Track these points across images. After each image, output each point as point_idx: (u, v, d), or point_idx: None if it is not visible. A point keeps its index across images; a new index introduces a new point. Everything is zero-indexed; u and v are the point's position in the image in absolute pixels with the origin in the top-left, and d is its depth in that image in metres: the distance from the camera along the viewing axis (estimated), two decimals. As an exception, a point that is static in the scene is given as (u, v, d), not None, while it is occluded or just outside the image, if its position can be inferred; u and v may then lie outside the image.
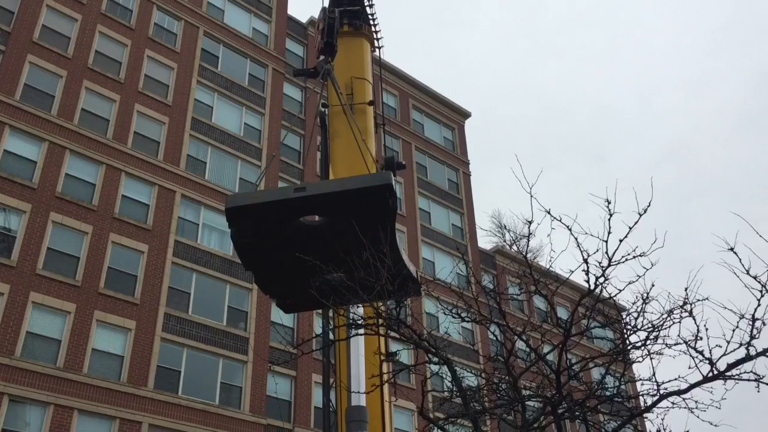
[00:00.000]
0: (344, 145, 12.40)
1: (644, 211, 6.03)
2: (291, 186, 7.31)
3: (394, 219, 7.30)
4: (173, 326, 27.45)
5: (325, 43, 12.06)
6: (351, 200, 7.01)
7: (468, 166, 45.82)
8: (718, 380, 6.79)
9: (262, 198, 7.45)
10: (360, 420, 10.17)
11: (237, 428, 26.91)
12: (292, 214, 7.24)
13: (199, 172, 31.62)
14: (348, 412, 10.22)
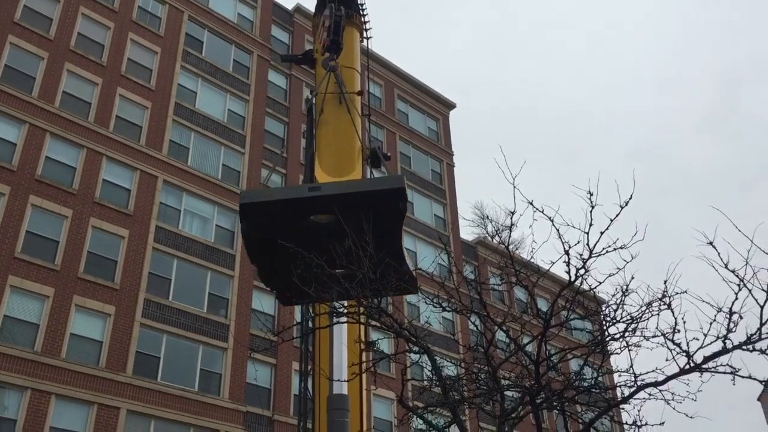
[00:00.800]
0: (331, 134, 12.33)
1: (625, 203, 6.07)
2: (305, 185, 7.54)
3: (403, 220, 7.47)
4: (153, 312, 27.30)
5: (331, 41, 12.04)
6: (363, 201, 7.20)
7: (452, 157, 45.86)
8: (694, 373, 6.87)
9: (277, 195, 7.66)
10: (342, 408, 10.19)
11: (216, 415, 26.87)
12: (304, 212, 7.38)
13: (182, 158, 31.39)
14: (330, 400, 10.24)
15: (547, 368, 7.33)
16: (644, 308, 6.70)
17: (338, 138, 12.28)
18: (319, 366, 10.76)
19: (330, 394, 10.31)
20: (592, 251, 6.29)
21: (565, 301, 6.94)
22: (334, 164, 12.02)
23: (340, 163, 12.14)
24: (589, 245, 6.26)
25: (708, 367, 6.68)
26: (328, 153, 12.27)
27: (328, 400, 10.33)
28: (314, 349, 11.20)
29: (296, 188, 7.58)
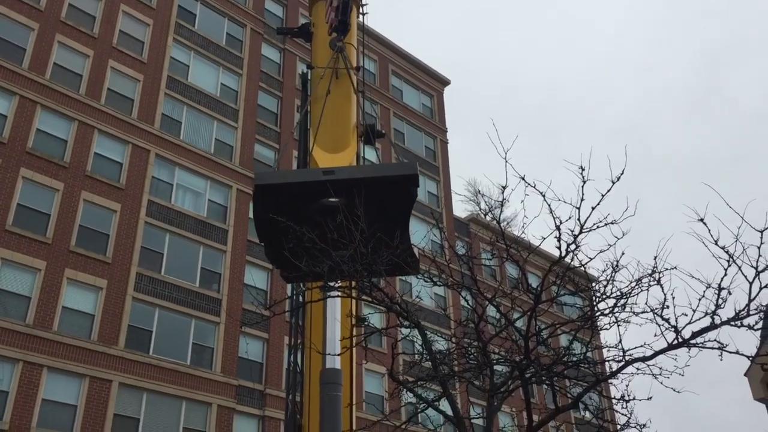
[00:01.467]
0: (327, 109, 12.27)
1: (617, 178, 6.07)
2: (319, 169, 7.75)
3: (413, 205, 7.67)
4: (145, 286, 27.31)
5: (339, 21, 11.97)
6: (376, 185, 7.39)
7: (446, 133, 45.74)
8: (682, 348, 6.92)
9: (291, 178, 7.84)
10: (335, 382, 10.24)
11: (208, 388, 27.01)
12: (317, 194, 7.53)
13: (174, 132, 31.20)
14: (323, 375, 10.28)
15: (537, 343, 7.38)
16: (634, 284, 6.74)
17: (334, 113, 12.23)
18: (310, 340, 10.79)
19: (323, 369, 10.35)
20: (583, 226, 6.30)
21: (555, 276, 6.96)
22: (329, 140, 11.99)
23: (336, 138, 12.11)
24: (580, 221, 6.27)
25: (696, 343, 6.73)
26: (324, 129, 12.21)
27: (321, 375, 10.38)
28: (305, 323, 11.24)
29: (310, 171, 7.80)
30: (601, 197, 6.11)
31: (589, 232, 6.28)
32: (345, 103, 12.28)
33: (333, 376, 10.25)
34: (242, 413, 27.89)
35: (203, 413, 26.66)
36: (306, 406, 10.56)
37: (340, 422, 10.18)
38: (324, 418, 10.04)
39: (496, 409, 8.59)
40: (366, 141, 12.84)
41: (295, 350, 11.77)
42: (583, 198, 6.10)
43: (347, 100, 12.36)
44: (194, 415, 26.39)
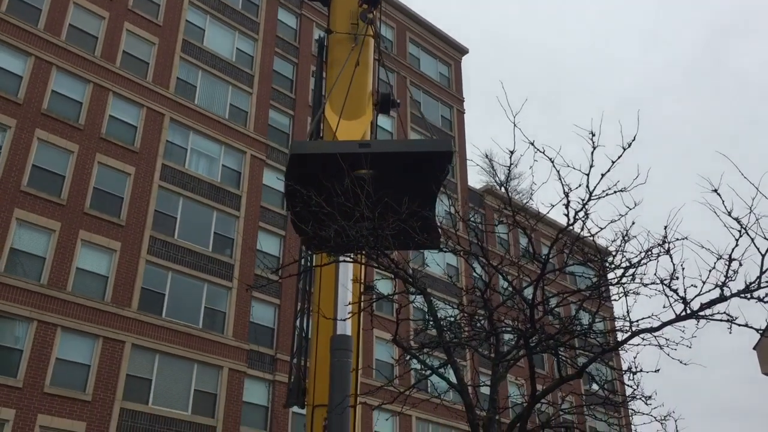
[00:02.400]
0: (344, 74, 12.16)
1: (628, 145, 5.92)
2: (355, 141, 7.86)
3: (443, 181, 7.77)
4: (158, 249, 27.47)
5: None
6: (410, 160, 7.46)
7: (462, 103, 45.32)
8: (690, 320, 6.81)
9: (328, 149, 7.85)
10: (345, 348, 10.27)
11: (220, 352, 27.27)
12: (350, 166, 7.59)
13: (189, 96, 31.12)
14: (333, 340, 10.31)
15: (543, 312, 7.30)
16: (643, 254, 6.62)
17: (351, 79, 12.11)
18: (318, 305, 10.81)
19: (333, 334, 10.38)
20: (592, 193, 6.18)
21: (564, 244, 6.85)
22: (346, 106, 11.90)
23: (351, 105, 12.04)
24: (589, 188, 6.14)
25: (705, 315, 6.62)
26: (340, 95, 12.12)
27: (332, 340, 10.41)
28: (313, 288, 11.24)
29: (346, 143, 7.84)
30: (612, 163, 5.98)
31: (598, 199, 6.15)
32: (363, 70, 12.15)
33: (343, 342, 10.28)
34: (253, 377, 28.18)
35: (214, 376, 26.96)
36: (312, 371, 10.61)
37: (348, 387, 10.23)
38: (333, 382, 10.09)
39: (500, 378, 8.55)
40: (381, 110, 12.76)
41: (302, 315, 11.81)
42: (593, 164, 5.97)
43: (366, 67, 12.24)
44: (205, 377, 26.69)
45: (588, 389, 35.41)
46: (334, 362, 10.12)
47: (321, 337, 10.69)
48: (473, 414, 7.84)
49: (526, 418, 7.63)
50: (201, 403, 26.25)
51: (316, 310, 10.87)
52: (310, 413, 10.38)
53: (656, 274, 6.88)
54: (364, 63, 12.33)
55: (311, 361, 10.72)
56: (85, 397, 23.59)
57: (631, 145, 5.87)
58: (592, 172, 6.04)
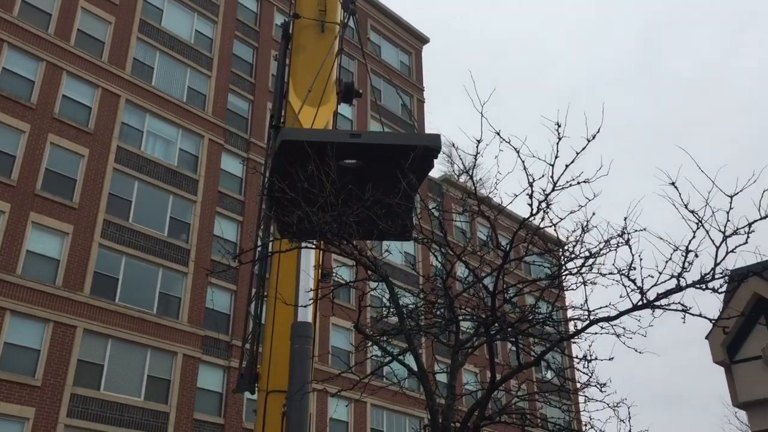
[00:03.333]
0: (307, 61, 12.14)
1: (593, 137, 6.01)
2: (346, 131, 7.68)
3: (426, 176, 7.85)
4: (112, 233, 26.97)
5: None
6: (398, 152, 7.48)
7: (422, 92, 45.40)
8: (646, 309, 6.98)
9: (318, 137, 7.80)
10: (305, 335, 10.27)
11: (174, 338, 26.96)
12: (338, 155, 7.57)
13: (146, 78, 30.52)
14: (294, 327, 10.29)
15: (503, 301, 7.39)
16: (603, 244, 6.74)
17: (316, 66, 12.12)
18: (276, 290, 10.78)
19: (294, 322, 10.38)
20: (556, 184, 6.26)
21: (525, 233, 6.94)
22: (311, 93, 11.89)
23: (315, 92, 12.04)
24: (553, 179, 6.22)
25: (660, 305, 6.78)
26: (304, 81, 12.12)
27: (293, 327, 10.40)
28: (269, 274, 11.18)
29: (336, 132, 7.79)
30: (576, 155, 6.06)
31: (561, 190, 6.25)
32: (329, 58, 12.06)
33: (304, 329, 10.29)
34: (208, 363, 27.94)
35: (168, 362, 26.65)
36: (266, 356, 10.59)
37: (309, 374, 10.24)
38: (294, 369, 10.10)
39: (460, 365, 8.64)
40: (344, 99, 12.81)
41: (257, 301, 11.77)
42: (557, 155, 6.05)
43: (330, 55, 12.18)
44: (159, 363, 26.37)
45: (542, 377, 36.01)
46: (295, 349, 10.11)
47: (277, 323, 10.66)
48: (433, 401, 7.91)
49: (484, 405, 7.74)
50: (154, 389, 25.93)
51: (273, 295, 10.84)
52: (263, 399, 10.37)
53: (614, 264, 7.03)
54: (328, 51, 12.34)
55: (265, 346, 10.69)
56: (35, 382, 23.10)
57: (595, 136, 5.97)
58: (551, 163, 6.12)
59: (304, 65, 12.21)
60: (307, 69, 12.21)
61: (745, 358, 7.19)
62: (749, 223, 6.28)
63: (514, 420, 9.58)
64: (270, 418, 10.14)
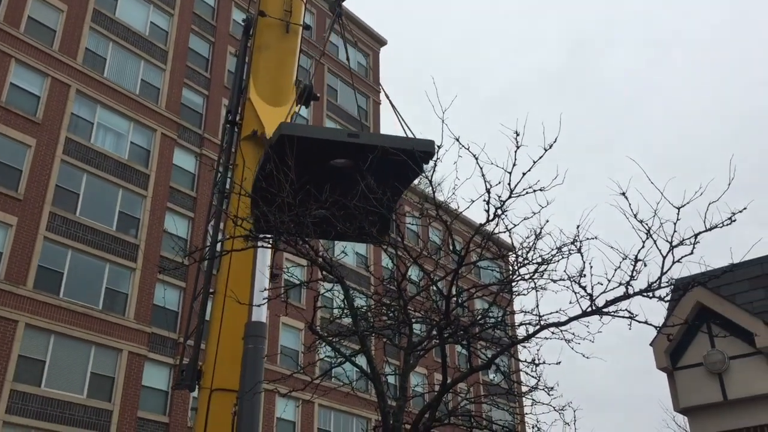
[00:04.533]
0: (272, 61, 12.14)
1: (550, 146, 6.16)
2: (344, 130, 7.82)
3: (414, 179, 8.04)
4: (58, 226, 26.34)
5: None
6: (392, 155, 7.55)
7: (379, 94, 45.51)
8: (595, 315, 7.17)
9: (317, 134, 7.86)
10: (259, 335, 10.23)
11: (120, 334, 26.45)
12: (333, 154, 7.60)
13: (98, 69, 29.89)
14: (248, 327, 10.24)
15: (456, 304, 7.49)
16: (555, 251, 6.90)
17: (279, 66, 12.22)
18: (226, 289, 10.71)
19: (249, 321, 10.34)
20: (513, 191, 6.39)
21: (481, 239, 7.04)
22: (269, 92, 11.97)
23: (276, 92, 12.12)
24: (510, 185, 6.35)
25: (609, 311, 6.97)
26: (266, 79, 12.16)
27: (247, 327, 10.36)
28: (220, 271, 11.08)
29: (335, 131, 7.85)
30: (533, 163, 6.21)
31: (518, 197, 6.38)
32: (290, 58, 12.25)
33: (258, 329, 10.27)
34: (154, 361, 27.50)
35: (113, 359, 26.14)
36: (212, 354, 10.52)
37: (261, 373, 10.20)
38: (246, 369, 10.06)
39: (411, 367, 8.72)
40: (301, 100, 12.86)
41: (204, 298, 11.71)
42: (515, 163, 6.18)
43: (293, 56, 12.33)
44: (103, 360, 25.84)
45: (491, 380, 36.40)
46: (248, 349, 10.08)
47: (226, 321, 10.60)
48: (385, 402, 7.96)
49: (435, 407, 7.83)
50: (97, 387, 25.40)
51: (222, 292, 10.78)
52: (206, 397, 10.30)
53: (565, 271, 7.20)
54: (292, 51, 12.45)
55: (211, 343, 10.61)
56: (-28, 378, 22.41)
57: (552, 146, 6.12)
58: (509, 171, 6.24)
59: (266, 64, 12.22)
60: (269, 68, 12.24)
61: (686, 365, 7.43)
62: (695, 234, 6.51)
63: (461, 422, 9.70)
64: (213, 417, 10.07)
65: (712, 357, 7.22)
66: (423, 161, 7.55)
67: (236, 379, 10.31)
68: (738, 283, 7.71)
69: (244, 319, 10.45)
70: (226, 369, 10.35)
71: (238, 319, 10.51)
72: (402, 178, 7.89)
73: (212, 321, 10.91)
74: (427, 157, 7.55)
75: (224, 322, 10.63)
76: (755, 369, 7.00)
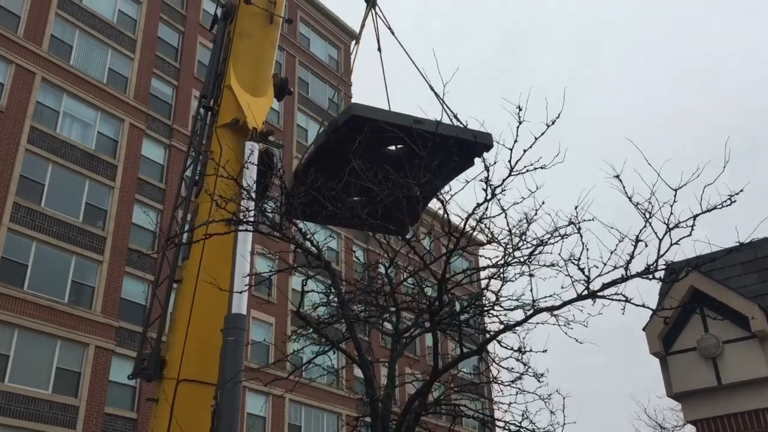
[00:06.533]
0: (254, 50, 12.05)
1: (552, 122, 6.02)
2: (410, 116, 7.69)
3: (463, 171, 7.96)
4: (23, 217, 25.61)
5: None
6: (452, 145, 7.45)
7: (350, 88, 45.22)
8: (590, 300, 7.06)
9: (386, 118, 7.72)
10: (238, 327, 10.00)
11: (87, 328, 25.83)
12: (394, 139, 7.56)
13: (64, 56, 29.13)
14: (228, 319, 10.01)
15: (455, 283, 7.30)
16: (554, 232, 6.78)
17: (260, 56, 12.28)
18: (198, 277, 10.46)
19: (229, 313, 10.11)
20: (513, 169, 6.25)
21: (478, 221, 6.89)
22: (249, 81, 11.99)
23: (255, 81, 12.19)
24: (510, 163, 6.21)
25: (604, 295, 6.87)
26: (246, 68, 12.18)
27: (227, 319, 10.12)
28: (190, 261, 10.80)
29: (402, 116, 7.78)
30: (535, 140, 6.06)
31: (518, 174, 6.23)
32: (271, 50, 12.28)
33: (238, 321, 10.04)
34: (121, 356, 26.89)
35: (79, 354, 25.51)
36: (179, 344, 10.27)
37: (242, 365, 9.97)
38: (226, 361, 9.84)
39: (398, 354, 8.56)
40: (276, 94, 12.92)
41: (170, 286, 11.45)
42: (517, 140, 6.03)
43: (273, 48, 12.38)
44: (69, 355, 25.20)
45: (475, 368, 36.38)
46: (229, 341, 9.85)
47: (197, 311, 10.35)
48: (373, 389, 7.78)
49: (426, 394, 7.67)
50: (63, 382, 24.77)
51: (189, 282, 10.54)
52: (172, 388, 10.05)
53: (560, 254, 7.09)
54: (273, 44, 12.62)
55: (177, 334, 10.35)
56: (-68, 373, 21.67)
57: (555, 122, 5.98)
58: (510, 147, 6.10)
59: (246, 52, 12.20)
60: (250, 57, 12.28)
61: (680, 349, 7.37)
62: (693, 215, 6.43)
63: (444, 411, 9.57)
64: (180, 409, 9.83)
65: (706, 341, 7.17)
66: (478, 154, 7.40)
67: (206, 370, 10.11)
68: (730, 268, 7.68)
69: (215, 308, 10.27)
70: (194, 360, 10.13)
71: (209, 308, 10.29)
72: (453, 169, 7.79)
73: (178, 310, 10.64)
74: (485, 150, 7.44)
75: (194, 312, 10.39)
76: (749, 353, 6.96)
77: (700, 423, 7.20)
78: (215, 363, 10.18)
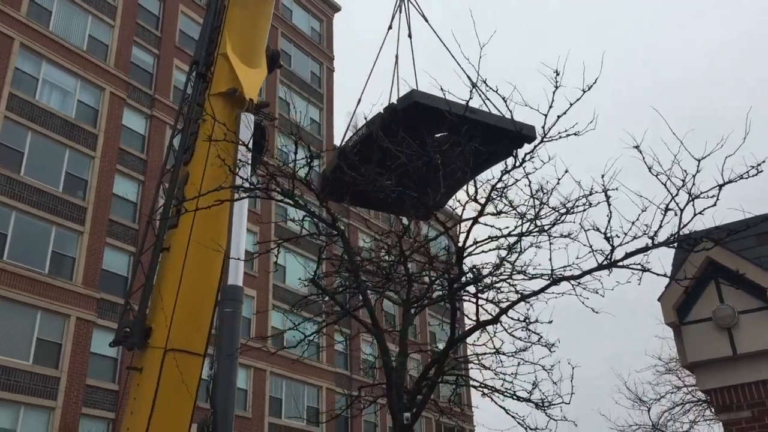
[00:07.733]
0: (247, 19, 11.97)
1: (588, 87, 5.97)
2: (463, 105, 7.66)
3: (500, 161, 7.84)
4: (2, 186, 25.08)
5: None
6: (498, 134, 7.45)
7: (332, 61, 44.82)
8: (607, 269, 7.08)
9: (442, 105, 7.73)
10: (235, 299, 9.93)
11: (67, 299, 25.48)
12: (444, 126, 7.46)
13: (43, 22, 28.38)
14: (224, 291, 9.94)
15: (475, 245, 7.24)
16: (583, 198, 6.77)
17: (256, 27, 12.37)
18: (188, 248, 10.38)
19: (224, 285, 10.06)
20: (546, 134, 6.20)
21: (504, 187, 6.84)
22: (243, 52, 12.07)
23: (249, 52, 12.29)
24: (544, 128, 6.15)
25: (624, 264, 6.89)
26: (242, 39, 12.21)
27: (223, 291, 10.06)
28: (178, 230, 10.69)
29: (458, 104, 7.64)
30: (570, 105, 6.02)
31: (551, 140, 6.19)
32: (266, 22, 12.30)
33: (234, 293, 9.97)
34: (103, 327, 26.58)
35: (59, 325, 25.19)
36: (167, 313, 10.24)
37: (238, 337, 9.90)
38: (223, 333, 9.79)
39: (410, 322, 8.54)
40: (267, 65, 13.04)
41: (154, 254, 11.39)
42: (552, 105, 5.97)
43: (268, 20, 12.39)
44: (50, 326, 24.87)
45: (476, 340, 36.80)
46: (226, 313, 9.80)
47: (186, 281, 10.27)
48: (387, 356, 7.76)
49: (442, 362, 7.67)
50: (44, 353, 24.45)
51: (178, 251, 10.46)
52: (159, 357, 10.01)
53: (581, 224, 7.08)
54: (268, 16, 12.76)
55: (165, 302, 10.28)
56: None
57: (591, 87, 5.93)
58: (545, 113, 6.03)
59: (242, 21, 12.27)
60: (245, 26, 12.36)
61: (695, 319, 7.42)
62: (719, 185, 6.46)
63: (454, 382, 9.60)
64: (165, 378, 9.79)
65: (722, 312, 7.21)
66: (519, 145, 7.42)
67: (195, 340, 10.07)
68: (745, 239, 7.73)
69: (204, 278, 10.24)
70: (183, 330, 10.08)
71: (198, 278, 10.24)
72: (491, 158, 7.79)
73: (165, 279, 10.56)
74: (527, 142, 7.45)
75: (183, 281, 10.32)
76: (766, 323, 7.03)
77: (713, 392, 7.29)
78: (203, 333, 10.15)
